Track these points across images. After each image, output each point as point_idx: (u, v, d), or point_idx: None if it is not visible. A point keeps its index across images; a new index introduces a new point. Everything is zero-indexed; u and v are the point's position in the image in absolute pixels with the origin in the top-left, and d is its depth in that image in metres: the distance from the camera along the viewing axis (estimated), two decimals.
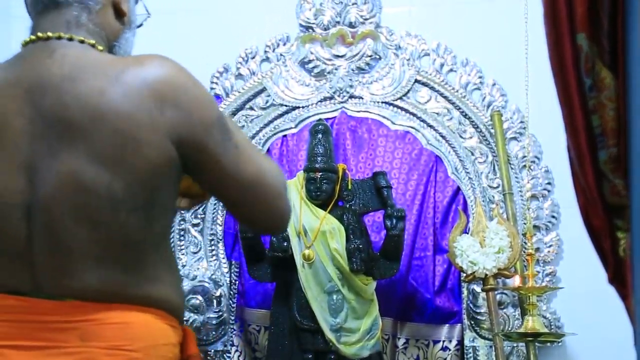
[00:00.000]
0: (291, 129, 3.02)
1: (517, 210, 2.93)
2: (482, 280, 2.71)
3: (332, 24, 3.04)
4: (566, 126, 1.40)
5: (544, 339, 2.65)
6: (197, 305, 2.97)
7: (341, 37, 3.07)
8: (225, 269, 3.02)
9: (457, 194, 3.01)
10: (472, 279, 2.72)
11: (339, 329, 2.67)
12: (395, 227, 2.73)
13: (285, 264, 2.73)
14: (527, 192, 2.95)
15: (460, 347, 2.96)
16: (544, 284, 2.90)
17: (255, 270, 2.82)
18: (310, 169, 2.70)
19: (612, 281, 1.41)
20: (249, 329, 3.03)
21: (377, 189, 2.79)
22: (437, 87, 3.03)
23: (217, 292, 2.99)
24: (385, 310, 2.84)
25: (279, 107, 3.06)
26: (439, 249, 2.99)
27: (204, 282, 2.99)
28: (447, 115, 3.02)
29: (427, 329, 2.98)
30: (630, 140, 1.34)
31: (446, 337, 2.97)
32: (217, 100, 2.70)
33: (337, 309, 2.68)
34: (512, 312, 2.93)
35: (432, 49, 3.06)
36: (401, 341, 2.99)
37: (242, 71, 3.04)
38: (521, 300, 2.79)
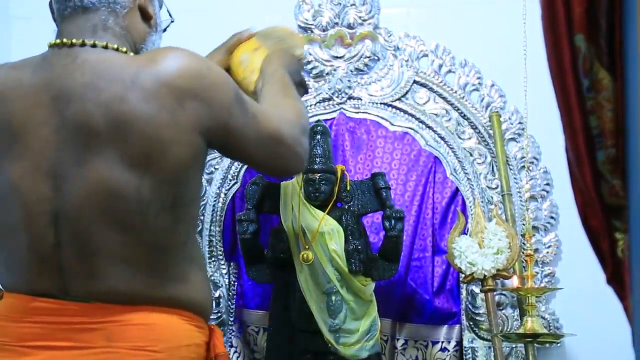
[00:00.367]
0: None
1: (516, 211, 2.93)
2: (481, 281, 2.72)
3: (330, 25, 3.04)
4: (564, 127, 1.41)
5: (542, 340, 2.65)
6: None
7: (340, 38, 3.07)
8: (224, 270, 3.02)
9: (455, 195, 3.01)
10: (471, 279, 2.72)
11: (338, 330, 2.67)
12: (394, 228, 2.73)
13: (284, 265, 2.74)
14: (526, 193, 2.95)
15: (459, 348, 2.96)
16: (542, 284, 2.90)
17: (254, 271, 2.82)
18: (308, 170, 2.70)
19: (610, 282, 1.42)
20: (248, 330, 3.03)
21: (375, 190, 2.79)
22: (436, 88, 3.04)
23: (216, 293, 2.99)
24: (384, 311, 2.84)
25: None
26: (438, 249, 2.99)
27: None
28: (445, 116, 3.02)
29: (426, 329, 2.98)
30: (628, 141, 1.34)
31: (445, 338, 2.98)
32: None
33: (336, 310, 2.68)
34: (511, 312, 2.93)
35: (431, 50, 3.07)
36: (400, 342, 2.99)
37: None
38: (520, 301, 2.80)
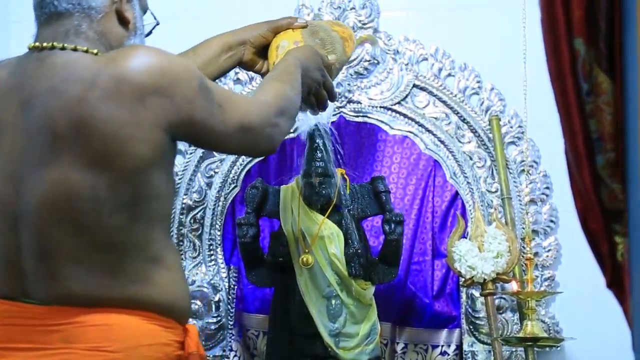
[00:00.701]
0: (289, 134, 3.01)
1: (516, 214, 2.93)
2: (481, 284, 2.71)
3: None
4: (564, 131, 1.41)
5: (542, 344, 2.65)
6: (195, 310, 2.97)
7: None
8: (223, 274, 3.02)
9: (455, 199, 3.01)
10: (471, 283, 2.72)
11: (338, 334, 2.67)
12: (393, 231, 2.73)
13: (283, 269, 2.73)
14: (526, 197, 2.94)
15: (459, 352, 2.95)
16: (542, 288, 2.90)
17: (253, 275, 2.82)
18: (308, 174, 2.70)
19: (610, 286, 1.42)
20: (248, 334, 3.03)
21: (375, 194, 2.79)
22: (436, 91, 3.03)
23: (216, 297, 2.99)
24: (383, 315, 2.84)
25: None
26: (438, 253, 2.99)
27: (202, 287, 2.99)
28: (445, 119, 3.02)
29: (425, 333, 2.98)
30: (627, 145, 1.34)
31: (445, 341, 2.97)
32: None
33: (335, 314, 2.67)
34: (510, 316, 2.92)
35: (431, 53, 3.06)
36: (400, 346, 2.99)
37: (240, 76, 3.04)
38: (520, 304, 2.79)
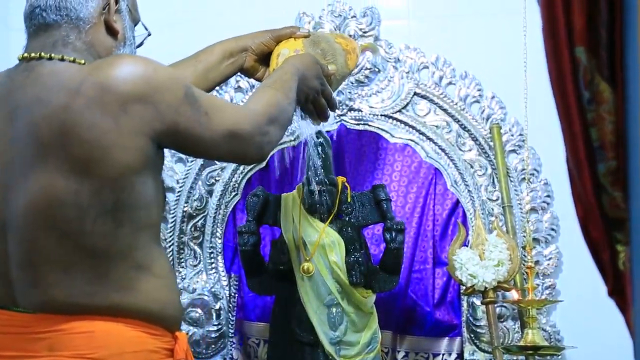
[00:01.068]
0: (290, 142, 3.02)
1: (517, 223, 2.93)
2: (482, 293, 2.71)
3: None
4: (565, 139, 1.41)
5: (543, 352, 2.64)
6: (196, 318, 2.96)
7: None
8: (224, 282, 3.02)
9: (456, 207, 3.01)
10: (472, 292, 2.71)
11: (339, 342, 2.67)
12: (394, 240, 2.72)
13: (284, 277, 2.73)
14: (527, 205, 2.94)
15: None
16: (543, 296, 2.90)
17: (254, 283, 2.82)
18: (309, 182, 2.70)
19: (611, 294, 1.41)
20: (249, 342, 3.03)
21: (376, 202, 2.79)
22: (436, 100, 3.04)
23: (217, 305, 2.99)
24: (384, 323, 2.83)
25: None
26: (439, 261, 2.99)
27: (203, 295, 2.99)
28: (446, 128, 3.02)
29: (426, 342, 2.97)
30: (628, 153, 1.34)
31: (446, 350, 2.97)
32: None
33: (336, 323, 2.67)
34: (511, 325, 2.92)
35: (431, 61, 3.07)
36: (401, 354, 2.98)
37: (241, 84, 3.04)
38: (521, 313, 2.79)
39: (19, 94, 1.73)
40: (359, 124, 3.04)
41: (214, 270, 3.03)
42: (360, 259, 2.69)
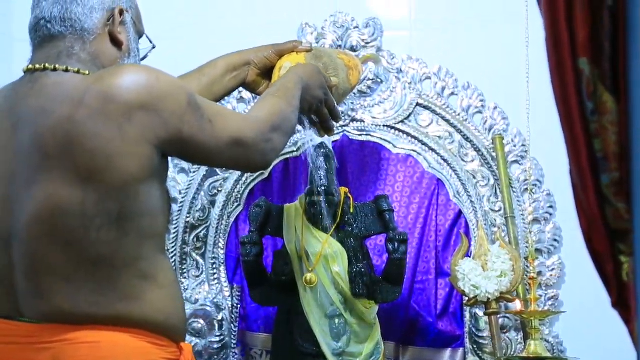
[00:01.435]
0: (292, 153, 3.02)
1: (519, 233, 2.93)
2: (485, 304, 2.71)
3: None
4: (568, 150, 1.41)
5: None
6: (198, 329, 2.96)
7: None
8: (227, 293, 3.02)
9: (459, 218, 3.01)
10: (475, 302, 2.71)
11: (341, 354, 2.66)
12: (397, 250, 2.72)
13: (287, 288, 2.73)
14: (529, 216, 2.94)
15: None
16: (546, 307, 2.89)
17: (257, 293, 2.81)
18: (312, 193, 2.70)
19: (615, 305, 1.41)
20: (251, 353, 3.02)
21: (379, 213, 2.78)
22: (439, 110, 3.04)
23: (219, 316, 2.99)
24: (387, 334, 2.83)
25: None
26: (441, 272, 2.98)
27: (205, 306, 2.98)
28: (448, 138, 3.02)
29: (429, 353, 2.97)
30: (632, 164, 1.34)
31: None
32: None
33: (339, 333, 2.67)
34: (514, 336, 2.92)
35: (434, 72, 3.07)
36: None
37: (244, 95, 3.04)
38: (524, 324, 2.78)
39: (23, 106, 1.73)
40: (361, 135, 3.04)
41: (217, 281, 3.02)
42: (362, 270, 2.69)
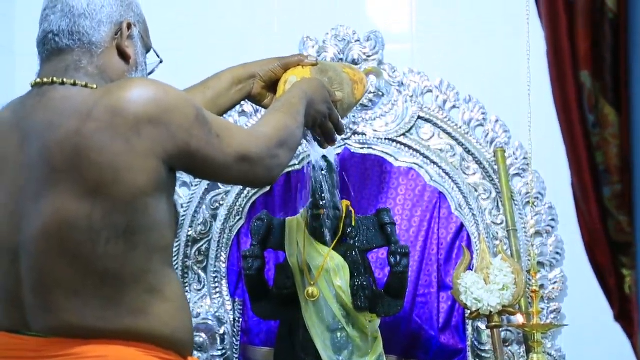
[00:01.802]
0: (294, 166, 3.02)
1: (521, 246, 2.92)
2: (487, 317, 2.70)
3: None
4: (570, 163, 1.41)
5: None
6: (200, 343, 2.96)
7: None
8: (228, 307, 3.01)
9: (460, 231, 3.00)
10: (477, 316, 2.70)
11: None
12: (399, 264, 2.72)
13: (289, 302, 2.72)
14: (531, 229, 2.94)
15: None
16: (548, 321, 2.89)
17: (258, 307, 2.81)
18: (313, 206, 2.70)
19: (618, 319, 1.41)
20: None
21: (380, 226, 2.78)
22: (440, 123, 3.04)
23: (221, 329, 2.98)
24: (389, 347, 2.82)
25: None
26: (443, 285, 2.98)
27: (207, 319, 2.98)
28: (450, 151, 3.02)
29: None
30: (634, 177, 1.34)
31: None
32: None
33: (341, 347, 2.66)
34: (517, 349, 2.91)
35: (435, 85, 3.07)
36: None
37: (245, 108, 3.04)
38: (526, 337, 2.78)
39: (31, 119, 1.73)
40: (363, 148, 3.04)
41: (218, 294, 3.02)
42: (364, 283, 2.68)
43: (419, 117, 3.05)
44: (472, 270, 2.77)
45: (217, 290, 3.02)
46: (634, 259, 1.36)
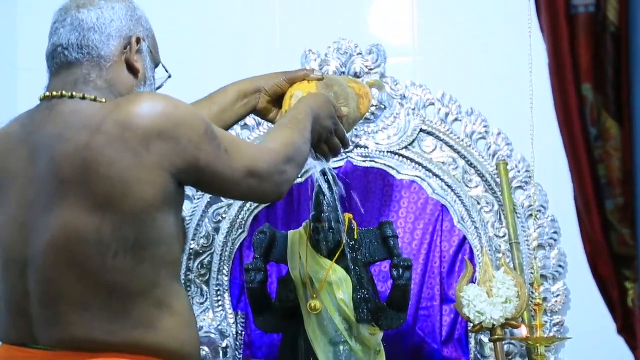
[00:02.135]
0: (297, 179, 3.01)
1: (524, 259, 2.92)
2: (490, 330, 2.70)
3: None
4: (573, 176, 1.41)
5: None
6: (203, 356, 2.95)
7: None
8: (231, 320, 3.01)
9: (463, 244, 3.00)
10: (480, 329, 2.70)
11: None
12: (402, 277, 2.71)
13: (291, 315, 2.72)
14: (534, 242, 2.94)
15: None
16: (551, 334, 2.88)
17: (261, 320, 2.81)
18: (316, 219, 2.70)
19: (621, 332, 1.41)
20: None
21: (383, 239, 2.78)
22: (443, 136, 3.04)
23: (224, 343, 2.98)
24: None
25: None
26: (446, 298, 2.98)
27: (210, 333, 2.98)
28: (452, 164, 3.02)
29: None
30: (636, 190, 1.34)
31: None
32: None
33: None
34: None
35: (437, 98, 3.07)
36: None
37: (248, 121, 3.05)
38: (529, 350, 2.77)
39: (40, 133, 1.74)
40: (365, 161, 3.05)
41: (221, 308, 3.02)
42: (367, 296, 2.68)
43: (421, 130, 3.05)
44: (474, 283, 2.77)
45: (220, 303, 3.02)
46: (636, 272, 1.36)
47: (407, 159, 3.04)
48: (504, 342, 2.78)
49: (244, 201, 2.94)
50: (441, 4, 3.17)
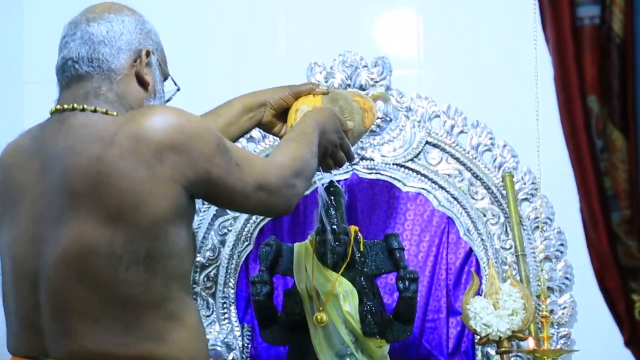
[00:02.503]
0: None
1: (530, 271, 2.92)
2: (497, 342, 2.69)
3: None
4: (579, 188, 1.40)
5: None
6: None
7: None
8: (237, 333, 3.01)
9: (469, 256, 3.00)
10: (486, 341, 2.70)
11: None
12: (408, 289, 2.71)
13: (298, 327, 2.72)
14: (540, 254, 2.93)
15: None
16: (558, 346, 2.87)
17: (267, 333, 2.81)
18: (322, 232, 2.70)
19: (628, 344, 1.40)
20: None
21: (389, 251, 2.78)
22: (448, 148, 3.04)
23: (230, 356, 2.98)
24: None
25: None
26: (452, 311, 2.97)
27: (216, 345, 2.97)
28: (458, 176, 3.02)
29: None
30: None
31: None
32: None
33: None
34: None
35: (443, 110, 3.07)
36: None
37: (253, 134, 3.05)
38: None
39: (52, 146, 1.74)
40: (371, 173, 3.05)
41: (227, 320, 3.01)
42: (373, 309, 2.68)
43: (427, 142, 3.05)
44: (481, 295, 2.76)
45: (226, 316, 3.02)
46: None
47: (413, 171, 3.04)
48: (510, 355, 2.77)
49: (254, 214, 2.93)
50: (446, 17, 3.17)
